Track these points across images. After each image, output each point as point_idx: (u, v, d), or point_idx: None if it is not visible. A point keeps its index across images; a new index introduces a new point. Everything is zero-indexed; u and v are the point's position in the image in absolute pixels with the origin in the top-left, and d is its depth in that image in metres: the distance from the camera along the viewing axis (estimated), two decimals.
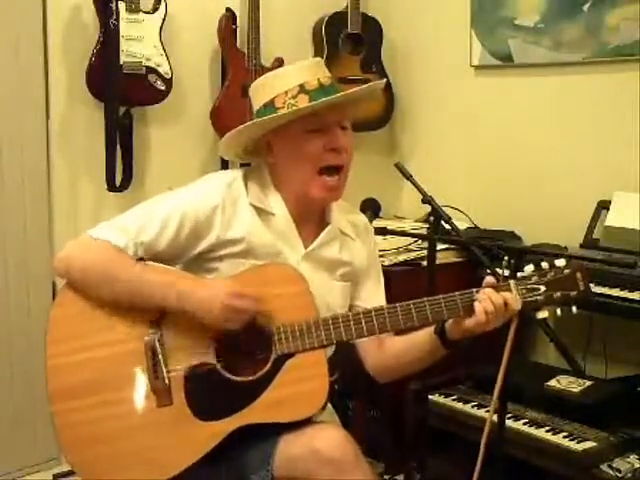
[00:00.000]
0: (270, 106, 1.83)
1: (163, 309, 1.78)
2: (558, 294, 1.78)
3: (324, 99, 1.79)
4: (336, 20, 3.60)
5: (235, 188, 1.87)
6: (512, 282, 1.79)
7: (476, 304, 1.76)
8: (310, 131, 1.82)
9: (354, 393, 2.64)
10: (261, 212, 1.87)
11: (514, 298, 1.76)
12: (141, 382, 1.78)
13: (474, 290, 1.78)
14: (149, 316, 1.79)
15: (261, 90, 1.88)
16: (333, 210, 1.95)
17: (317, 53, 3.66)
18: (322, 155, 1.83)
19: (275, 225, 1.88)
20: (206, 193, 1.85)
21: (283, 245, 1.88)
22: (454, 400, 2.78)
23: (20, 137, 3.03)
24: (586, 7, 3.12)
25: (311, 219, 1.93)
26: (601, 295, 2.62)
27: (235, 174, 1.91)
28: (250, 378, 1.77)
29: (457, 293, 1.79)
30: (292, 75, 1.84)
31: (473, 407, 2.71)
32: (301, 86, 1.81)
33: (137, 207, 1.88)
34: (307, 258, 1.90)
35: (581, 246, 3.02)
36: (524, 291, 1.78)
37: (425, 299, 1.79)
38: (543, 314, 1.79)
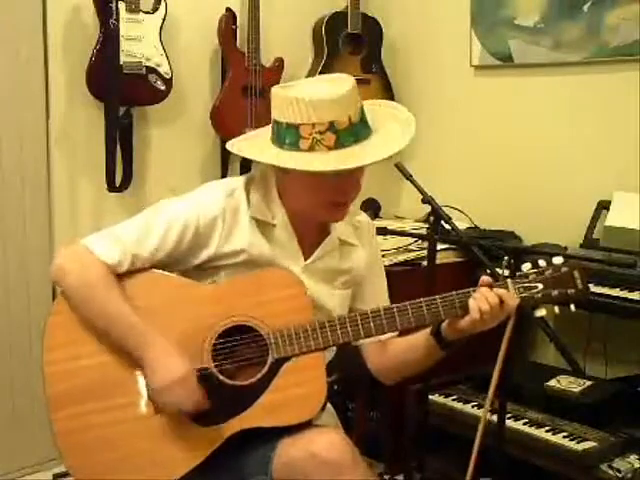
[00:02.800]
0: (293, 130, 1.73)
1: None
2: (555, 292, 1.78)
3: (347, 167, 1.71)
4: (336, 20, 3.60)
5: (236, 198, 1.84)
6: (509, 280, 1.79)
7: (470, 301, 1.75)
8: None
9: (354, 394, 2.64)
10: (261, 224, 1.85)
11: (510, 295, 1.76)
12: (139, 388, 1.77)
13: (471, 290, 1.78)
14: None
15: (289, 105, 1.74)
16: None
17: (317, 53, 3.66)
18: (335, 194, 1.79)
19: (275, 236, 1.86)
20: (207, 203, 1.82)
21: (283, 256, 1.86)
22: (454, 400, 2.78)
23: (20, 137, 3.02)
24: (586, 7, 3.12)
25: (312, 229, 1.91)
26: (601, 295, 2.62)
27: (236, 183, 1.88)
28: (247, 382, 1.76)
29: (454, 293, 1.78)
30: (324, 107, 1.72)
31: (473, 407, 2.71)
32: (331, 123, 1.72)
33: (137, 216, 1.85)
34: (306, 270, 1.88)
35: (581, 246, 3.02)
36: (521, 289, 1.78)
37: (422, 299, 1.78)
38: (541, 312, 1.79)
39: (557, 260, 1.80)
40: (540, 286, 1.78)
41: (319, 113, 1.72)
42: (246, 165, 3.31)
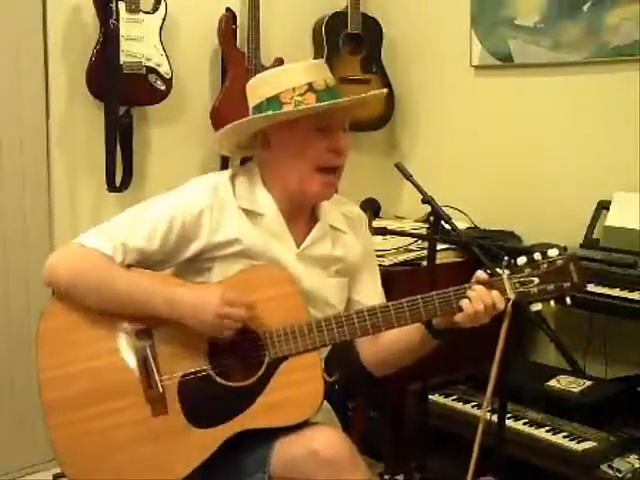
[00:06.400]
0: (274, 101, 1.82)
1: (154, 316, 1.77)
2: (552, 286, 1.77)
3: (342, 100, 1.81)
4: (336, 20, 3.61)
5: (221, 191, 1.86)
6: (505, 276, 1.78)
7: (465, 302, 1.75)
8: (316, 130, 1.82)
9: (354, 393, 2.64)
10: (250, 214, 1.86)
11: (500, 298, 1.75)
12: (135, 392, 1.77)
13: (466, 285, 1.78)
14: (140, 324, 1.79)
15: (263, 85, 1.87)
16: (323, 205, 1.95)
17: (317, 53, 3.66)
18: (323, 155, 1.83)
19: (266, 225, 1.87)
20: (193, 197, 1.85)
21: (275, 245, 1.87)
22: (454, 400, 2.78)
23: (20, 137, 3.03)
24: (586, 7, 3.12)
25: (302, 216, 1.93)
26: (601, 295, 2.61)
27: (221, 177, 1.91)
28: (244, 383, 1.76)
29: (450, 289, 1.78)
30: (299, 73, 1.84)
31: (473, 407, 2.71)
32: (309, 85, 1.81)
33: (125, 213, 1.87)
34: (300, 257, 1.90)
35: (581, 246, 3.02)
36: (517, 284, 1.77)
37: (419, 296, 1.78)
38: (537, 306, 1.78)
39: (552, 253, 1.79)
40: (536, 280, 1.77)
41: (297, 77, 1.83)
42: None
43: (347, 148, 1.87)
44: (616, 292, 2.63)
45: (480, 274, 1.79)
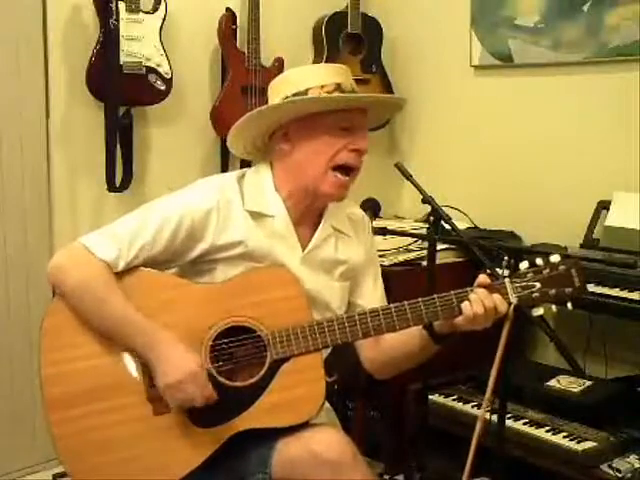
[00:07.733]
0: (303, 95, 1.82)
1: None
2: (553, 291, 1.77)
3: (376, 95, 1.84)
4: (336, 20, 3.60)
5: (228, 192, 1.86)
6: (507, 280, 1.78)
7: (466, 305, 1.75)
8: (338, 129, 1.82)
9: (354, 393, 2.65)
10: (257, 216, 1.86)
11: (502, 301, 1.75)
12: (137, 390, 1.77)
13: (469, 289, 1.78)
14: None
15: (290, 82, 1.86)
16: (330, 207, 1.94)
17: (317, 53, 3.66)
18: (343, 154, 1.83)
19: (273, 227, 1.87)
20: (200, 198, 1.84)
21: (281, 247, 1.87)
22: (454, 400, 2.78)
23: (20, 137, 3.02)
24: (586, 7, 3.12)
25: (309, 219, 1.92)
26: (601, 295, 2.62)
27: (228, 178, 1.90)
28: (246, 383, 1.76)
29: (452, 292, 1.78)
30: (327, 73, 1.85)
31: (473, 407, 2.71)
32: (337, 84, 1.82)
33: (131, 214, 1.86)
34: (305, 260, 1.89)
35: (581, 246, 3.02)
36: (519, 289, 1.77)
37: (420, 299, 1.78)
38: (539, 311, 1.79)
39: (555, 258, 1.79)
40: (538, 285, 1.77)
41: (325, 76, 1.83)
42: (247, 165, 3.31)
43: (366, 150, 1.87)
44: (616, 292, 2.63)
45: (482, 277, 1.80)
